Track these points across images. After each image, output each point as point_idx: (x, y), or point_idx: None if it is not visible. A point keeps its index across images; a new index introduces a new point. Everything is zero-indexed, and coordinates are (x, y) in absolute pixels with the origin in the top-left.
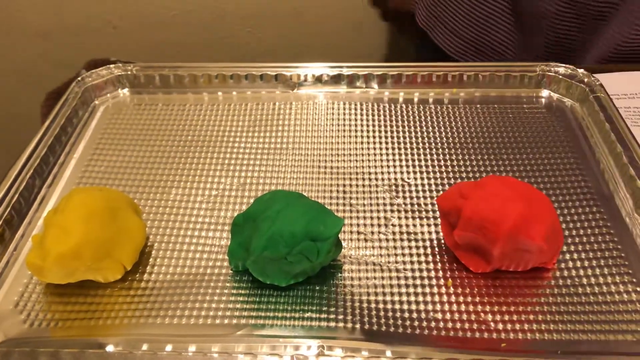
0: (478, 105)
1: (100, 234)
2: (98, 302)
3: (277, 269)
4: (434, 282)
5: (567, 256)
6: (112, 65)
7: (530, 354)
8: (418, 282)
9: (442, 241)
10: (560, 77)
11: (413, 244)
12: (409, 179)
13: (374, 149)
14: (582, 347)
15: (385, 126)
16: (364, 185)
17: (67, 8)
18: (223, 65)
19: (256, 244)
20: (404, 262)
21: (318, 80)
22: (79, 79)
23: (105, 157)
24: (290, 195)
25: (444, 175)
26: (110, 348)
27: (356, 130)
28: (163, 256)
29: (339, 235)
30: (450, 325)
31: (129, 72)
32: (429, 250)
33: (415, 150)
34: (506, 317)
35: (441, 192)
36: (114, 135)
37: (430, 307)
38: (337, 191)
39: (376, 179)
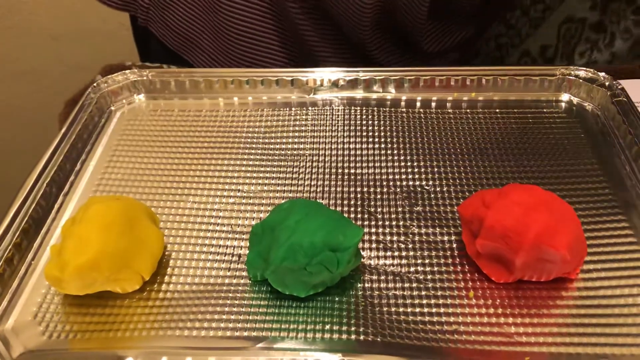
0: (497, 110)
1: (119, 244)
2: (117, 313)
3: (297, 280)
4: (455, 292)
5: (591, 266)
6: (127, 71)
7: None
8: (439, 292)
9: (464, 250)
10: (581, 80)
11: (433, 253)
12: (428, 185)
13: (392, 154)
14: None
15: (403, 131)
16: (382, 193)
17: (80, 10)
18: (239, 70)
19: (275, 254)
20: (425, 272)
21: (334, 84)
22: (95, 84)
23: (122, 164)
24: (309, 205)
25: (464, 182)
26: None
27: (373, 136)
28: (181, 265)
29: (358, 245)
30: (472, 337)
31: (145, 78)
32: (449, 260)
33: (434, 156)
34: (529, 330)
35: (461, 200)
36: (130, 141)
37: (452, 318)
38: (355, 198)
39: (394, 186)
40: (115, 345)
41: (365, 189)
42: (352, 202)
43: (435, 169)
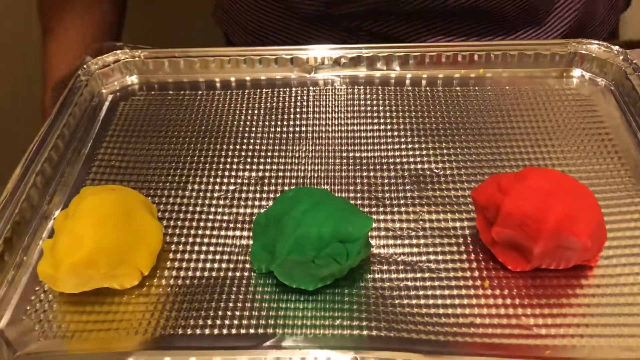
0: (507, 87)
1: (115, 239)
2: (115, 310)
3: (304, 273)
4: (470, 282)
5: (610, 252)
6: (118, 51)
7: None
8: (453, 282)
9: (477, 237)
10: (593, 55)
11: (446, 240)
12: (437, 169)
13: (399, 136)
14: (633, 353)
15: (409, 111)
16: (389, 177)
17: None
18: (235, 49)
19: (281, 247)
20: (437, 261)
21: (336, 62)
22: (84, 66)
23: (115, 150)
24: (315, 193)
25: (475, 164)
26: None
27: (378, 117)
28: (181, 258)
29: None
30: (489, 330)
31: (137, 58)
32: (462, 248)
33: (442, 137)
34: (549, 321)
35: (473, 183)
36: (122, 126)
37: (467, 310)
38: (362, 184)
39: (402, 170)
40: (114, 346)
41: (371, 174)
42: (359, 188)
43: (445, 151)
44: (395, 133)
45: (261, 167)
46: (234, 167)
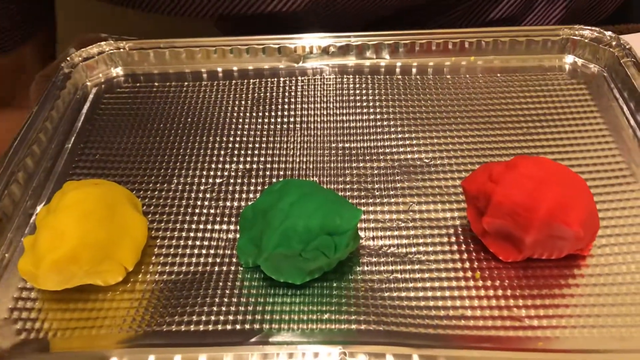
0: (498, 75)
1: (98, 234)
2: (99, 307)
3: (292, 266)
4: (460, 274)
5: (603, 240)
6: (103, 43)
7: (571, 353)
8: (443, 274)
9: (468, 227)
10: (586, 41)
11: (436, 231)
12: (427, 159)
13: (388, 126)
14: (626, 344)
15: (399, 100)
16: (379, 167)
17: None
18: (222, 39)
19: (268, 240)
20: (427, 253)
21: (325, 51)
22: (68, 58)
23: (100, 144)
24: (303, 185)
25: (465, 153)
26: None
27: (368, 106)
28: (167, 253)
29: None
30: (481, 322)
31: (122, 50)
32: (453, 239)
33: (433, 126)
34: (541, 312)
35: (463, 173)
36: (107, 119)
37: (458, 302)
38: (351, 175)
39: (392, 160)
40: (98, 344)
41: (361, 164)
42: (348, 179)
43: (435, 140)
44: (385, 123)
45: (248, 159)
46: (221, 159)
